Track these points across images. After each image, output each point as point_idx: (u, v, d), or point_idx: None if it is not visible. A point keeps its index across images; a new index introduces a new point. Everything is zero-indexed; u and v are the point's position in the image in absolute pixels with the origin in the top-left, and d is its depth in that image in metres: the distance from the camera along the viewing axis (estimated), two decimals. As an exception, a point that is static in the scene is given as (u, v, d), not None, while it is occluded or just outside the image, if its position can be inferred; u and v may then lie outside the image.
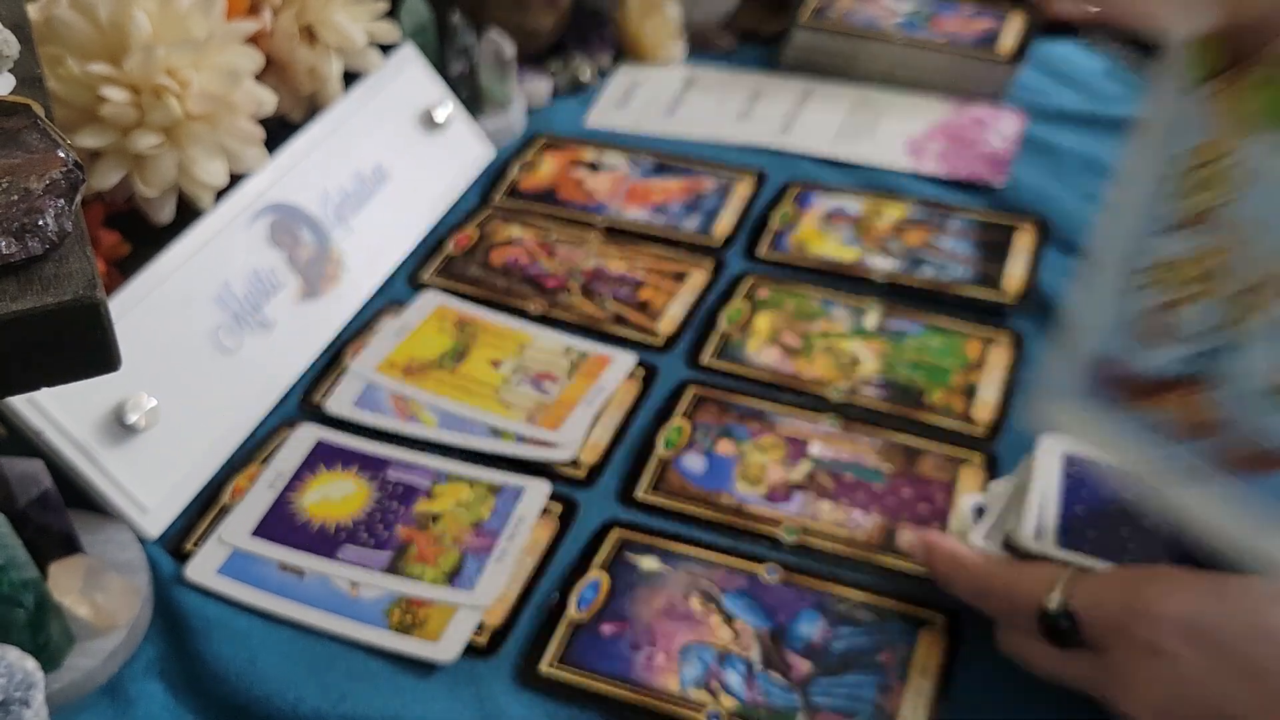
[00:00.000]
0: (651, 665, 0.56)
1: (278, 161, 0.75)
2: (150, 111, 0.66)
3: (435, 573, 0.61)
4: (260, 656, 0.57)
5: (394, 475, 0.66)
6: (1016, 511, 0.57)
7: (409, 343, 0.75)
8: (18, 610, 0.53)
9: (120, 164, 0.68)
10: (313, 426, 0.69)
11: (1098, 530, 0.55)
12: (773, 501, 0.65)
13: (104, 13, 0.66)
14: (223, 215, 0.72)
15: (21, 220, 0.34)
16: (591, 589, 0.60)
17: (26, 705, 0.49)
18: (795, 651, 0.57)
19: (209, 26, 0.69)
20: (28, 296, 0.34)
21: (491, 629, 0.58)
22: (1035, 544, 0.55)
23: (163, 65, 0.66)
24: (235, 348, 0.70)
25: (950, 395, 0.71)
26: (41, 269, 0.35)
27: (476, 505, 0.64)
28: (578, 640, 0.58)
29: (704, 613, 0.59)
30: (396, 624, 0.58)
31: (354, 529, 0.63)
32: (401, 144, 0.84)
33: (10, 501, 0.55)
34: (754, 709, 0.54)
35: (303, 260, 0.75)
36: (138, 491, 0.63)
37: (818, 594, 0.60)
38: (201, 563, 0.61)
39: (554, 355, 0.74)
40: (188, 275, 0.68)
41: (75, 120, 0.67)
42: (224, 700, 0.56)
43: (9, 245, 0.34)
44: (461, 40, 0.90)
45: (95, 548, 0.60)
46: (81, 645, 0.57)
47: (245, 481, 0.66)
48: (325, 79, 0.82)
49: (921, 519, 0.63)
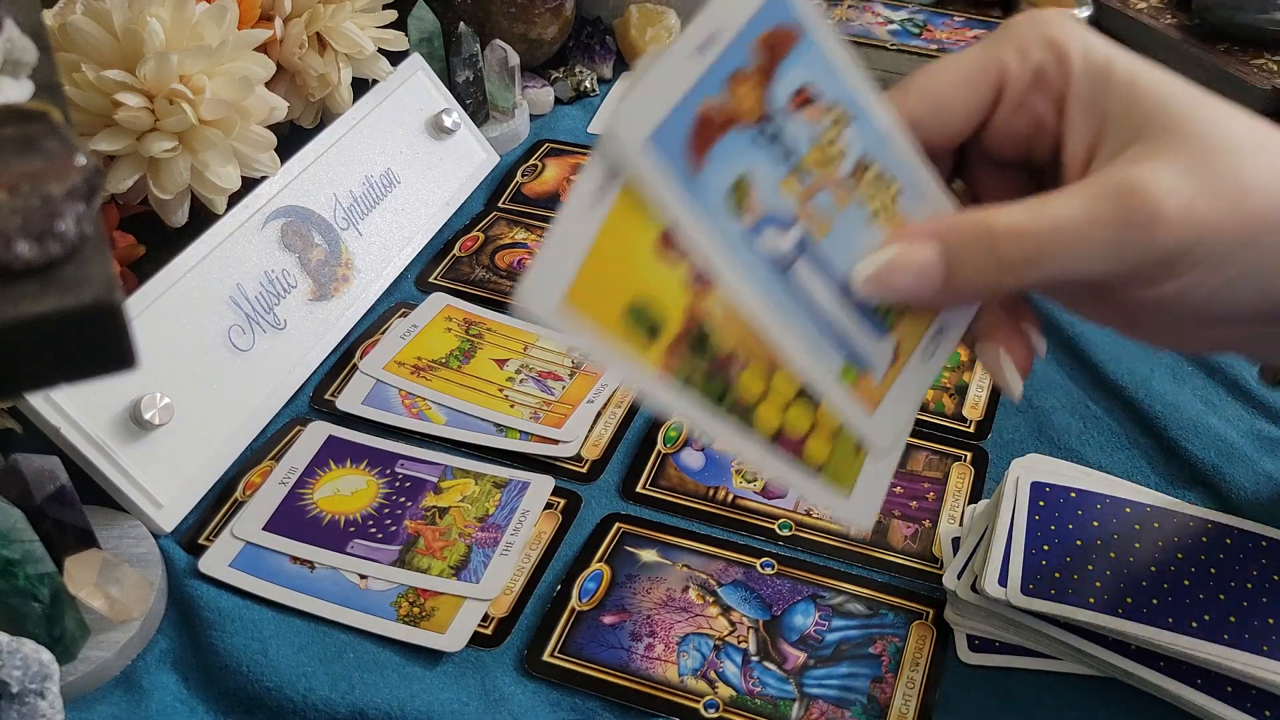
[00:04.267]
0: (651, 655, 0.58)
1: (289, 166, 0.77)
2: (164, 117, 0.68)
3: (442, 565, 0.62)
4: (272, 648, 0.59)
5: (402, 471, 0.68)
6: (984, 552, 0.58)
7: (417, 342, 0.76)
8: (34, 603, 0.54)
9: (135, 168, 0.69)
10: (324, 424, 0.71)
11: (1063, 572, 0.56)
12: (769, 496, 0.66)
13: (119, 20, 0.67)
14: (235, 218, 0.73)
15: (42, 224, 0.35)
16: (593, 580, 0.61)
17: (42, 696, 0.50)
18: (790, 643, 0.58)
19: (222, 34, 0.70)
20: (49, 298, 0.35)
21: (497, 619, 0.60)
22: (1001, 593, 0.55)
23: (177, 72, 0.67)
24: (248, 347, 0.71)
25: (941, 394, 0.72)
26: (62, 272, 0.35)
27: (482, 500, 0.66)
28: (580, 630, 0.59)
29: (702, 604, 0.60)
30: (404, 615, 0.60)
31: (363, 523, 0.64)
32: (409, 149, 0.86)
33: (27, 497, 0.57)
34: (750, 698, 0.56)
35: (314, 262, 0.76)
36: (152, 487, 0.64)
37: (812, 586, 0.61)
38: (215, 556, 0.63)
39: (557, 355, 0.75)
40: (201, 277, 0.70)
41: (91, 125, 0.68)
42: (236, 691, 0.57)
43: (30, 249, 0.35)
44: (467, 49, 0.91)
45: (110, 542, 0.62)
46: (96, 637, 0.58)
47: (258, 477, 0.67)
48: (335, 86, 0.83)
49: (913, 515, 0.65)
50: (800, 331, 0.41)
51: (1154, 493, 0.61)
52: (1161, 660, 0.54)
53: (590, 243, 0.36)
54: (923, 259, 0.42)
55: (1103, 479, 0.62)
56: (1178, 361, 0.73)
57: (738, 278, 0.39)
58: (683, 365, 0.38)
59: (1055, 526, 0.58)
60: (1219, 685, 0.53)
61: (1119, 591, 0.55)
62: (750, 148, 0.39)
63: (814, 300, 0.41)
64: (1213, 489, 0.65)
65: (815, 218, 0.41)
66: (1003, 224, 0.41)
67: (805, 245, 0.41)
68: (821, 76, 0.41)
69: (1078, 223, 0.41)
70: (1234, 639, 0.53)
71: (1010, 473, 0.61)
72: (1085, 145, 0.44)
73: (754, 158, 0.39)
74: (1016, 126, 0.46)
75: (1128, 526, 0.58)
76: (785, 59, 0.40)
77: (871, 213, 0.43)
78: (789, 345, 0.40)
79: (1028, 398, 0.72)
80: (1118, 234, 0.41)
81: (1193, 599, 0.55)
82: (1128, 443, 0.69)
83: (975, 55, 0.46)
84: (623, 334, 0.37)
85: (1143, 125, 0.42)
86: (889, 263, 0.42)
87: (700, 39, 0.38)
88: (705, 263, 0.38)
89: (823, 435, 0.42)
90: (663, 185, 0.37)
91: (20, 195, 0.35)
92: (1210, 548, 0.57)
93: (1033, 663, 0.57)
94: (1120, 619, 0.54)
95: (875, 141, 0.43)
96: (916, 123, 0.45)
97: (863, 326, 0.43)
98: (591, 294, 0.36)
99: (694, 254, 0.38)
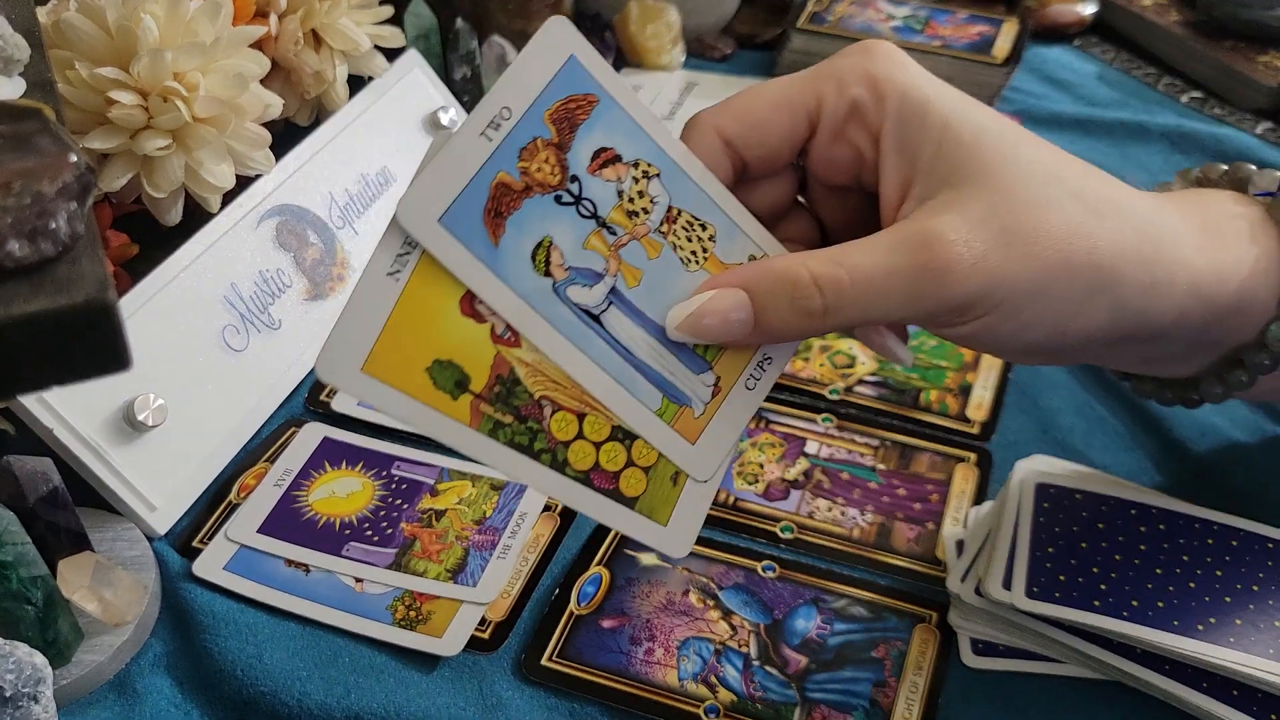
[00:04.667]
0: (650, 659, 0.57)
1: (284, 164, 0.76)
2: (158, 115, 0.67)
3: (439, 569, 0.62)
4: (266, 652, 0.58)
5: (399, 473, 0.67)
6: (988, 554, 0.57)
7: (413, 343, 0.75)
8: (27, 606, 0.54)
9: (128, 166, 0.69)
10: (319, 425, 0.70)
11: (1068, 574, 0.56)
12: (770, 499, 0.66)
13: (112, 17, 0.67)
14: (230, 217, 0.72)
15: (34, 223, 0.35)
16: (592, 584, 0.61)
17: (35, 700, 0.50)
18: (791, 647, 0.58)
19: (216, 31, 0.69)
20: (41, 298, 0.34)
21: (494, 623, 0.59)
22: (1005, 596, 0.55)
23: (170, 69, 0.67)
24: (242, 348, 0.70)
25: (945, 394, 0.72)
26: (54, 271, 0.35)
27: (480, 502, 0.65)
28: (578, 634, 0.58)
29: (702, 608, 0.60)
30: (401, 619, 0.59)
31: (359, 526, 0.64)
32: (406, 147, 0.85)
33: (20, 499, 0.56)
34: (751, 703, 0.55)
35: (309, 261, 0.76)
36: (146, 489, 0.64)
37: (814, 590, 0.60)
38: (209, 559, 0.62)
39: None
40: (195, 276, 0.69)
41: (84, 123, 0.68)
42: (230, 695, 0.57)
43: (22, 247, 0.35)
44: (465, 45, 0.91)
45: (104, 544, 0.61)
46: (89, 641, 0.57)
47: (252, 479, 0.67)
48: (330, 83, 0.83)
49: (916, 517, 0.64)
50: (614, 375, 0.44)
51: (1159, 494, 0.60)
52: (1167, 663, 0.54)
53: (389, 310, 0.39)
54: (730, 305, 0.45)
55: (1108, 480, 0.61)
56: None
57: (545, 331, 0.42)
58: (491, 414, 0.41)
59: (1060, 529, 0.58)
60: (1224, 689, 0.53)
61: (1124, 594, 0.54)
62: (551, 212, 0.42)
63: (629, 345, 0.45)
64: (1219, 490, 0.64)
65: (627, 268, 0.45)
66: (806, 274, 0.44)
67: (617, 295, 0.44)
68: (622, 136, 0.44)
69: (876, 274, 0.44)
70: (1240, 642, 0.52)
71: (1015, 474, 0.61)
72: (898, 184, 0.46)
73: (556, 221, 0.43)
74: (838, 156, 0.48)
75: (1133, 528, 0.58)
76: (584, 124, 0.43)
77: (686, 257, 0.46)
78: (600, 389, 0.44)
79: (1033, 398, 0.71)
80: (912, 285, 0.43)
81: (1198, 602, 0.54)
82: (1133, 444, 0.68)
83: (794, 82, 0.48)
84: (426, 392, 0.40)
85: (950, 172, 0.45)
86: (699, 309, 0.45)
87: (488, 119, 0.41)
88: (510, 321, 0.42)
89: (638, 470, 0.45)
90: (460, 258, 0.40)
91: (12, 193, 0.34)
92: (1216, 550, 0.57)
93: (1037, 666, 0.56)
94: (1125, 622, 0.53)
95: (684, 190, 0.46)
96: (731, 140, 0.48)
97: (683, 363, 0.46)
98: (392, 357, 0.39)
99: (498, 315, 0.41)
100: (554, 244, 0.43)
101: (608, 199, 0.44)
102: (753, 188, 0.50)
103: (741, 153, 0.48)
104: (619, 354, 0.44)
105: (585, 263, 0.44)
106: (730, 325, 0.45)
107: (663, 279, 0.46)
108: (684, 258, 0.46)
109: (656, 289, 0.46)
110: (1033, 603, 0.54)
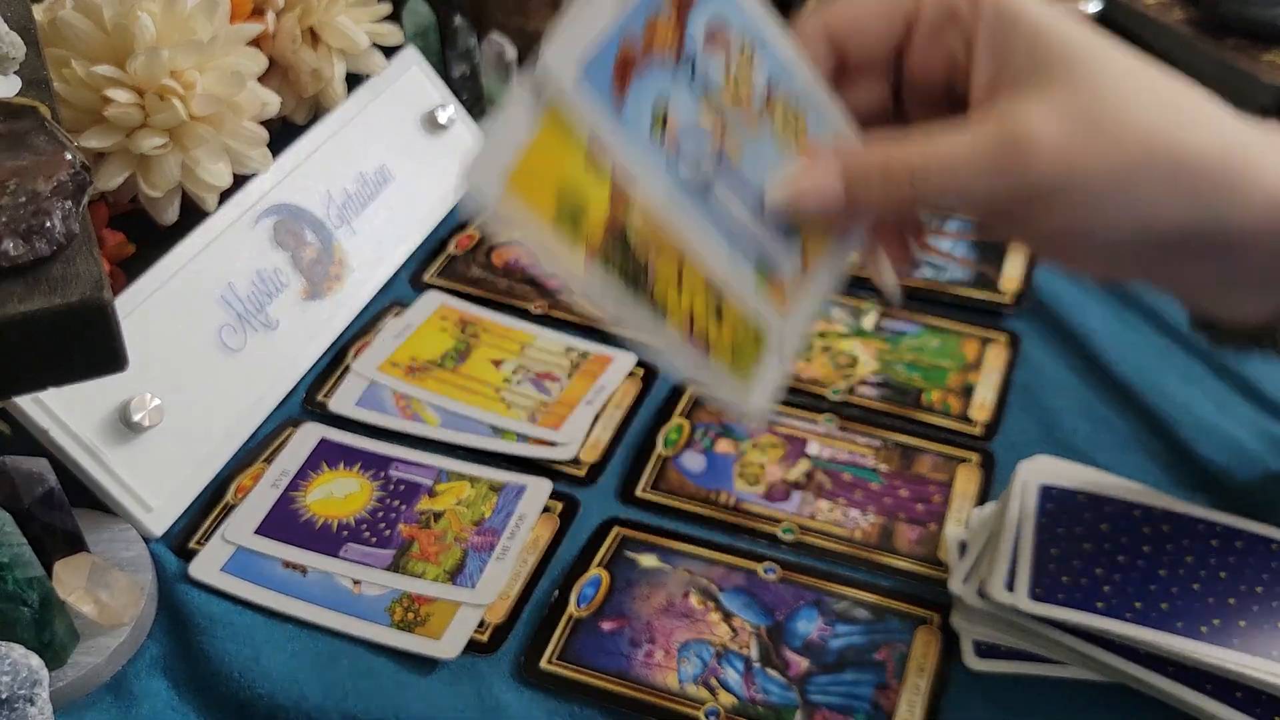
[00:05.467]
0: (650, 662, 0.57)
1: (281, 163, 0.76)
2: (155, 113, 0.67)
3: (437, 570, 0.61)
4: (264, 654, 0.58)
5: (396, 474, 0.67)
6: (991, 555, 0.57)
7: (411, 342, 0.75)
8: (22, 608, 0.53)
9: (125, 165, 0.68)
10: (316, 425, 0.70)
11: (1071, 576, 0.55)
12: (771, 500, 0.65)
13: (109, 15, 0.67)
14: (227, 216, 0.72)
15: (29, 222, 0.34)
16: (592, 586, 0.60)
17: (31, 702, 0.50)
18: (793, 649, 0.57)
19: (213, 29, 0.69)
20: (36, 297, 0.34)
21: (493, 626, 0.59)
22: (1008, 598, 0.55)
23: (167, 67, 0.66)
24: (239, 347, 0.70)
25: (948, 395, 0.71)
26: (49, 270, 0.35)
27: (478, 503, 0.65)
28: (578, 637, 0.58)
29: (703, 610, 0.59)
30: (399, 621, 0.59)
31: (357, 527, 0.64)
32: (404, 146, 0.85)
33: (15, 499, 0.56)
34: (752, 706, 0.55)
35: (306, 261, 0.75)
36: (142, 490, 0.63)
37: (815, 592, 0.60)
38: (205, 560, 0.62)
39: (555, 355, 0.74)
40: (192, 276, 0.69)
41: (80, 121, 0.68)
42: (228, 697, 0.56)
43: (17, 247, 0.34)
44: (463, 43, 0.90)
45: (100, 546, 0.61)
46: (86, 642, 0.57)
47: (249, 480, 0.66)
48: (328, 81, 0.83)
49: (918, 518, 0.64)
50: (717, 240, 0.46)
51: (1164, 495, 0.60)
52: (1171, 666, 0.53)
53: (528, 140, 0.40)
54: (827, 180, 0.47)
55: (1112, 481, 0.61)
56: (1188, 363, 0.73)
57: (659, 193, 0.44)
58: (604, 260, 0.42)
59: (1063, 530, 0.57)
60: (1228, 691, 0.53)
61: (1128, 596, 0.54)
62: (669, 81, 0.44)
63: (730, 215, 0.46)
64: (1223, 491, 0.64)
65: (732, 143, 0.46)
66: (898, 148, 0.46)
67: (722, 166, 0.46)
68: (733, 16, 0.46)
69: (962, 153, 0.45)
70: (1244, 644, 0.52)
71: (1018, 475, 0.60)
72: (987, 83, 0.48)
73: (673, 90, 0.44)
74: (932, 58, 0.50)
75: (1137, 530, 0.57)
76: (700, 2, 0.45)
77: (782, 139, 0.48)
78: (705, 251, 0.45)
79: (1036, 398, 0.71)
80: (996, 165, 0.45)
81: (1203, 603, 0.54)
82: (1137, 445, 0.68)
83: None
84: (554, 223, 0.41)
85: (1038, 68, 0.46)
86: (798, 182, 0.47)
87: None
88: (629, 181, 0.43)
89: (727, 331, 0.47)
90: (594, 115, 0.41)
91: (7, 192, 0.34)
92: (1220, 551, 0.56)
93: (1040, 669, 0.56)
94: (1129, 624, 0.53)
95: (784, 76, 0.48)
96: (835, 33, 0.50)
97: (776, 237, 0.48)
98: (529, 180, 0.40)
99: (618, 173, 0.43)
100: (671, 111, 0.44)
101: (717, 76, 0.46)
102: (849, 88, 0.51)
103: (843, 45, 0.50)
104: (722, 222, 0.46)
105: (696, 133, 0.45)
106: (827, 199, 0.47)
107: (761, 157, 0.47)
108: (780, 139, 0.48)
109: (755, 165, 0.47)
110: (1036, 605, 0.54)
